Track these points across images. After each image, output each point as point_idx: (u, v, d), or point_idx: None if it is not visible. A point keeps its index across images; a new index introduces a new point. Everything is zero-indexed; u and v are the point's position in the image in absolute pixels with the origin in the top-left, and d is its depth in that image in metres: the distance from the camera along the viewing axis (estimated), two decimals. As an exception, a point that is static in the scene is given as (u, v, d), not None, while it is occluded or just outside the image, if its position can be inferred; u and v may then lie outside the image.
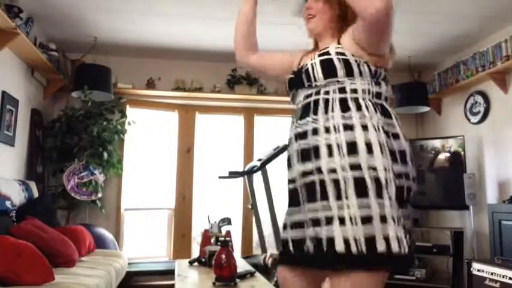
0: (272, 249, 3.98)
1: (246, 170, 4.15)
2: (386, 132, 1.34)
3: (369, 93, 1.39)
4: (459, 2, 3.35)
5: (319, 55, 1.44)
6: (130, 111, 4.57)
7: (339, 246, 1.25)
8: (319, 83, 1.41)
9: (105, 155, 3.97)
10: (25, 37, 3.22)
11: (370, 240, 1.23)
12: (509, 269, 2.74)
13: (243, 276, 2.24)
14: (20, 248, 2.21)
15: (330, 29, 1.52)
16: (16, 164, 3.57)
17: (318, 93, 1.42)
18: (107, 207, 4.24)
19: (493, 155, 3.97)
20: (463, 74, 4.22)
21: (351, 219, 1.26)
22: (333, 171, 1.31)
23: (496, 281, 2.80)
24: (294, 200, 1.45)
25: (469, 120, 4.28)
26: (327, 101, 1.39)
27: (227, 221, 2.89)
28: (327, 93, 1.40)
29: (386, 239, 1.23)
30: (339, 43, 1.43)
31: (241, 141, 4.96)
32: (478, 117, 4.15)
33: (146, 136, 4.74)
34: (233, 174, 4.07)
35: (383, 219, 1.24)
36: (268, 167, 4.03)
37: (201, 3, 3.45)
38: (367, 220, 1.24)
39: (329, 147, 1.33)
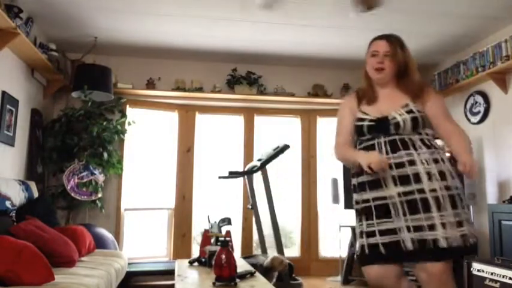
0: (272, 250, 3.98)
1: (246, 170, 4.15)
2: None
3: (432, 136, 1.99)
4: (459, 2, 3.36)
5: (408, 112, 1.95)
6: (130, 111, 4.57)
7: (443, 244, 1.78)
8: (406, 132, 1.94)
9: (105, 155, 3.97)
10: (25, 37, 3.22)
11: (463, 238, 1.80)
12: (509, 269, 2.74)
13: (243, 276, 2.24)
14: (20, 248, 2.20)
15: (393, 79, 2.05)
16: (16, 164, 3.57)
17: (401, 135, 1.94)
18: (106, 207, 4.24)
19: (493, 155, 3.97)
20: (463, 74, 4.22)
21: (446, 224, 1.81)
22: (433, 190, 1.84)
23: (496, 281, 2.80)
24: (382, 214, 1.89)
25: (469, 120, 4.28)
26: (411, 141, 1.92)
27: (227, 221, 2.88)
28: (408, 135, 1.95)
29: (471, 236, 1.83)
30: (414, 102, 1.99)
31: (241, 141, 4.96)
32: (478, 117, 4.15)
33: (146, 136, 4.74)
34: (233, 174, 4.07)
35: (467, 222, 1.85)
36: (268, 167, 4.03)
37: (201, 3, 3.45)
38: (459, 224, 1.82)
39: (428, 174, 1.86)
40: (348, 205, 4.23)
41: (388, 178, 1.89)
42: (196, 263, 2.70)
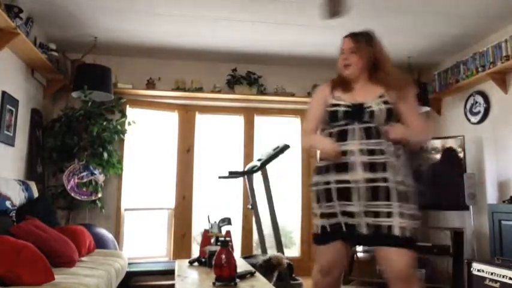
0: (272, 250, 3.98)
1: (246, 170, 4.15)
2: None
3: None
4: (459, 2, 3.35)
5: (384, 102, 1.98)
6: (130, 111, 4.57)
7: (396, 232, 1.86)
8: (379, 122, 1.95)
9: (105, 155, 3.97)
10: (25, 37, 3.22)
11: (414, 230, 1.91)
12: (509, 269, 2.74)
13: (243, 276, 2.24)
14: (20, 248, 2.20)
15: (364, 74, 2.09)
16: (16, 164, 3.57)
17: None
18: (106, 207, 4.24)
19: (493, 155, 3.97)
20: (463, 74, 4.22)
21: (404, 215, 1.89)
22: (398, 182, 1.91)
23: (496, 281, 2.80)
24: (343, 197, 1.94)
25: (469, 120, 4.28)
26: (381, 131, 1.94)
27: (227, 221, 2.88)
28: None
29: (418, 231, 1.94)
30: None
31: (241, 141, 4.96)
32: (478, 117, 4.15)
33: (146, 136, 4.74)
34: (233, 174, 4.07)
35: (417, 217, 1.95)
36: (268, 167, 4.03)
37: (201, 4, 3.45)
38: (412, 217, 1.91)
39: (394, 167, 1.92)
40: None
41: (357, 163, 1.92)
42: (196, 263, 2.70)
